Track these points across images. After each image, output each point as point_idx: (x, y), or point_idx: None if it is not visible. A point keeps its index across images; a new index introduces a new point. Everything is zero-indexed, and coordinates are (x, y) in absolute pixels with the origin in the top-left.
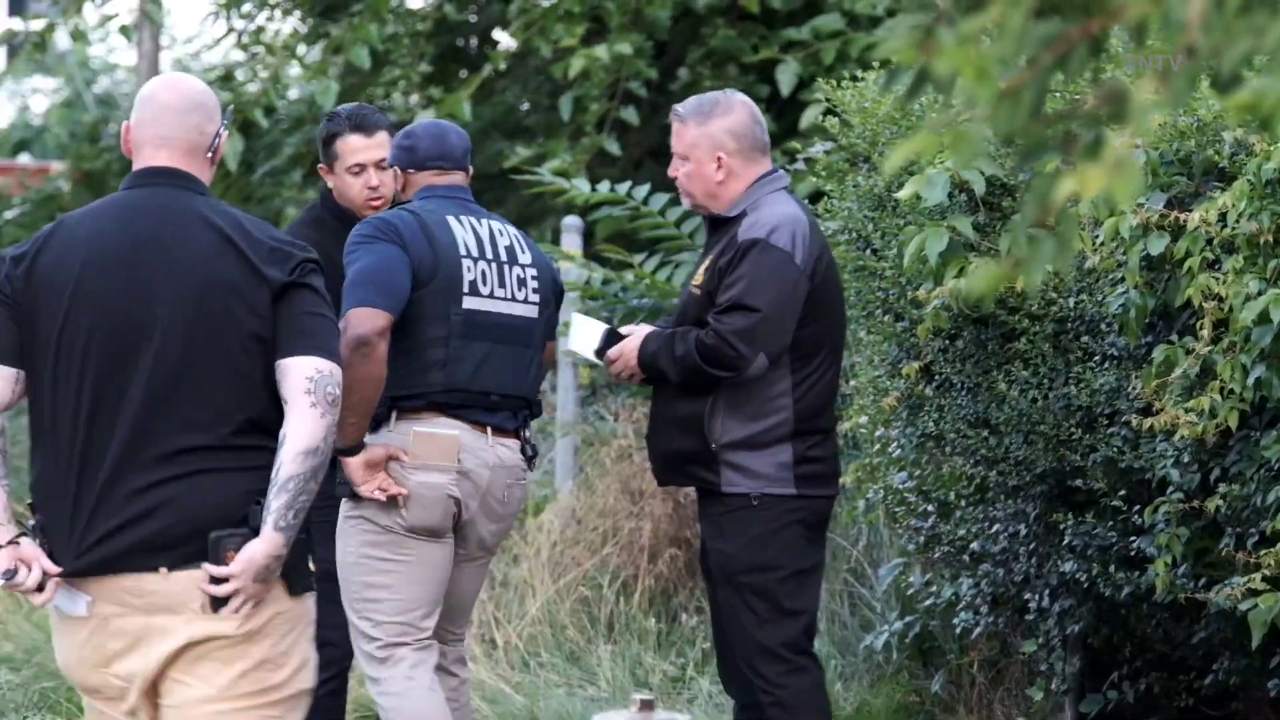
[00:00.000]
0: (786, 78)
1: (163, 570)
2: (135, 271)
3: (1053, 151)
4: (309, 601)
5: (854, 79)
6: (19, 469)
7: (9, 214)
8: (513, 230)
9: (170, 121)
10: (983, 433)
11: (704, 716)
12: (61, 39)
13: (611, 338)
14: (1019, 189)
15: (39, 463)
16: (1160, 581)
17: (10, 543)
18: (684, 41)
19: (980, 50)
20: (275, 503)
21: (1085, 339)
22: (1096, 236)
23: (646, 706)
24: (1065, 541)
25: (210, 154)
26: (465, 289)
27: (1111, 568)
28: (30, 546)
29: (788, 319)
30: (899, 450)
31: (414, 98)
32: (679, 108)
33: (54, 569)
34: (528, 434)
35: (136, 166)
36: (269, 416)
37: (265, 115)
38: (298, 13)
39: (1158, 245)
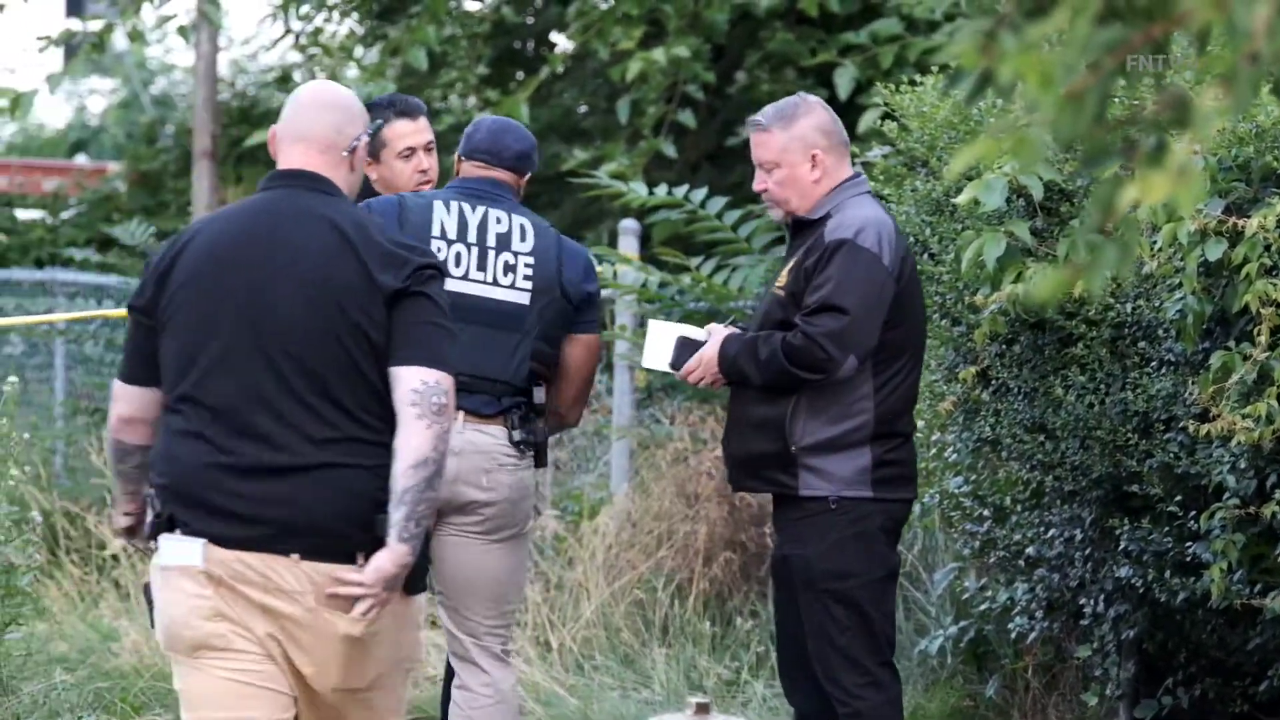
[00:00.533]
0: (844, 81)
1: (294, 557)
2: (255, 274)
3: (1115, 157)
4: (420, 600)
5: (912, 83)
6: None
7: (66, 214)
8: (524, 221)
9: (307, 119)
10: (1039, 438)
11: None
12: (119, 40)
13: (684, 347)
14: (1077, 194)
15: (167, 441)
16: (1215, 587)
17: (134, 514)
18: (742, 45)
19: (1043, 55)
20: (395, 515)
21: (1142, 344)
22: (1154, 242)
23: (702, 710)
24: (1121, 547)
25: (348, 155)
26: (465, 274)
27: (1167, 573)
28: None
29: (875, 320)
30: (955, 455)
31: (471, 100)
32: (759, 118)
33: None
34: (517, 418)
35: (278, 166)
36: (390, 415)
37: None
38: (355, 14)
39: (1216, 251)
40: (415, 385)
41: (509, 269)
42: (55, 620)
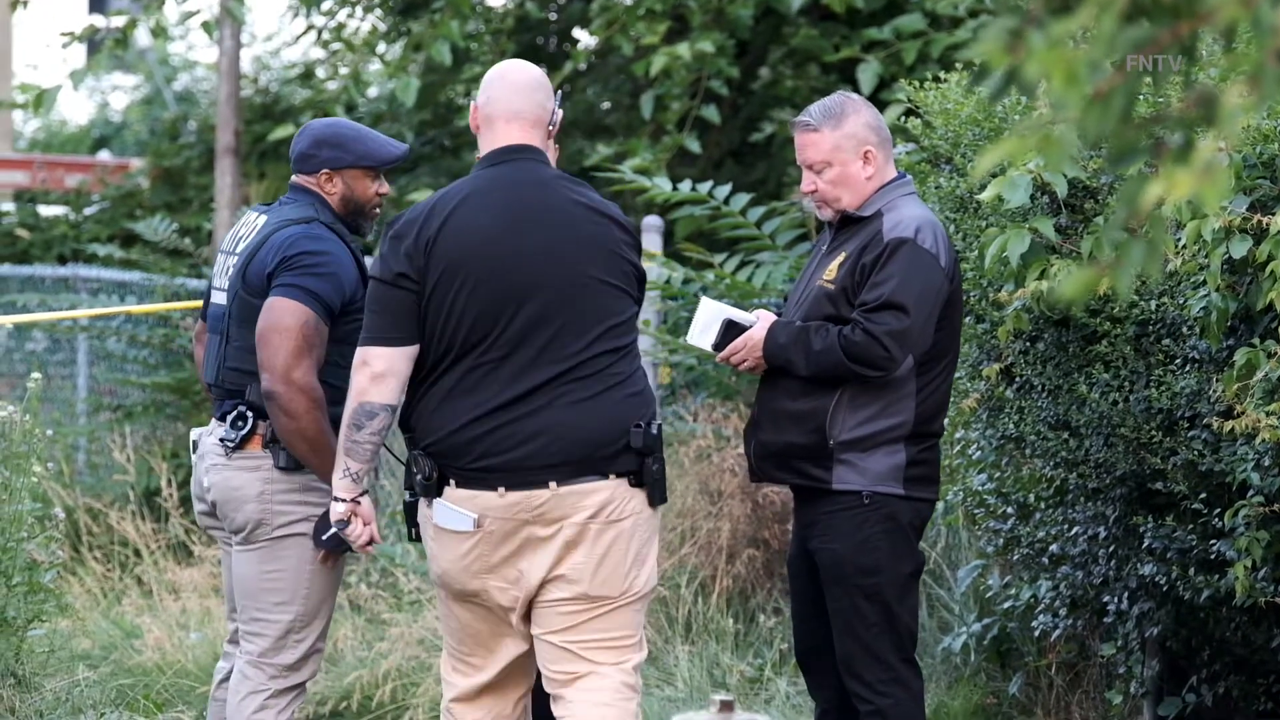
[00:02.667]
0: (867, 77)
1: (552, 485)
2: (516, 239)
3: (1141, 155)
4: (659, 513)
5: (936, 80)
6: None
7: (89, 210)
8: (262, 219)
9: (520, 98)
10: (1063, 435)
11: (782, 718)
12: (142, 36)
13: (729, 330)
14: (1101, 191)
15: (429, 400)
16: (1240, 585)
17: (353, 500)
18: (765, 40)
19: (1070, 54)
20: None
21: (1166, 342)
22: (1179, 239)
23: (726, 707)
24: (1145, 544)
25: (551, 129)
26: (212, 283)
27: (1191, 571)
28: (368, 506)
29: (932, 321)
30: (979, 452)
31: None
32: (806, 118)
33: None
34: (232, 419)
35: (487, 143)
36: (634, 350)
37: (346, 112)
38: (378, 10)
39: (1240, 248)
40: None
41: (226, 271)
42: (78, 617)
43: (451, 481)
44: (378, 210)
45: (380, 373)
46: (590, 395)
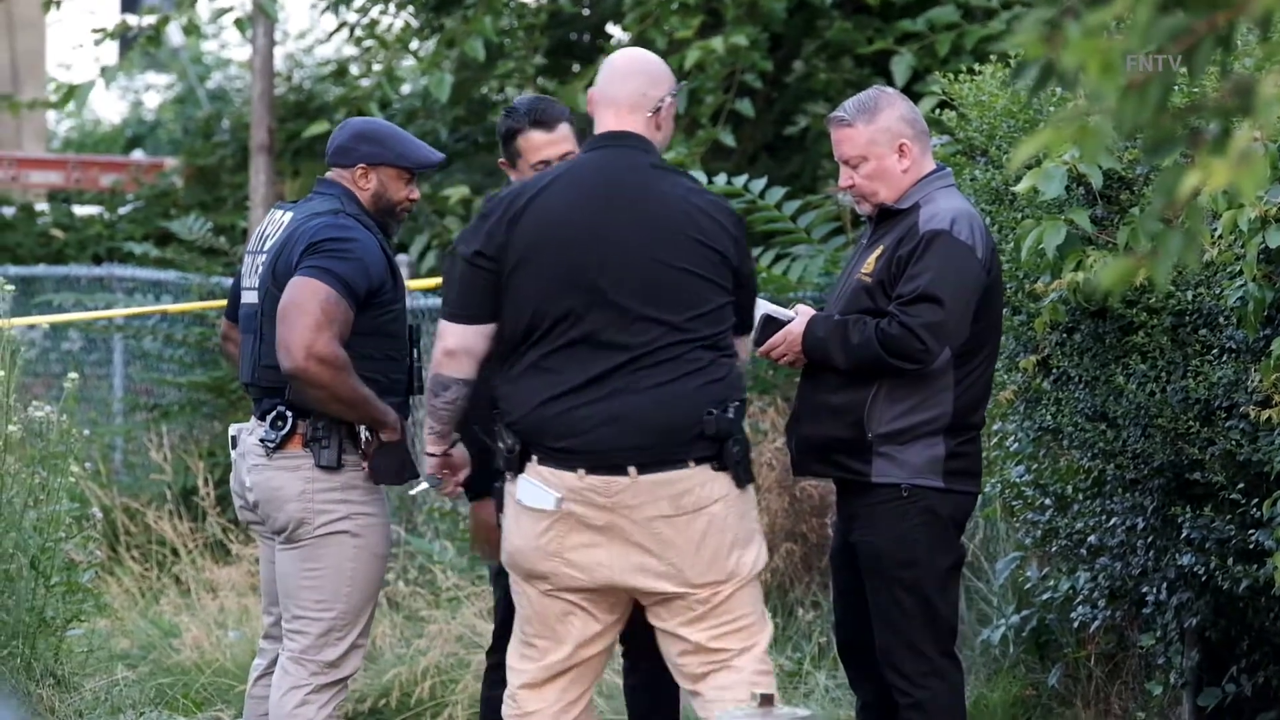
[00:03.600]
0: (901, 70)
1: (632, 472)
2: (601, 223)
3: (1178, 145)
4: (750, 492)
5: (971, 72)
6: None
7: (123, 210)
8: (288, 216)
9: (617, 84)
10: (1100, 426)
11: (821, 712)
12: (174, 34)
13: (768, 324)
14: (1136, 182)
15: (513, 377)
16: (1279, 575)
17: (444, 454)
18: (799, 34)
19: (1106, 44)
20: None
21: (1203, 332)
22: (1215, 229)
23: (766, 701)
24: (1183, 535)
25: (653, 115)
26: (241, 284)
27: (1230, 561)
28: (460, 454)
29: (968, 313)
30: (1016, 444)
31: (527, 91)
32: (841, 113)
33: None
34: (271, 418)
35: (596, 129)
36: (727, 343)
37: (380, 109)
38: (410, 7)
39: (1276, 238)
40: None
41: (256, 270)
42: (116, 616)
43: (534, 457)
44: (405, 213)
45: (452, 349)
46: (665, 381)
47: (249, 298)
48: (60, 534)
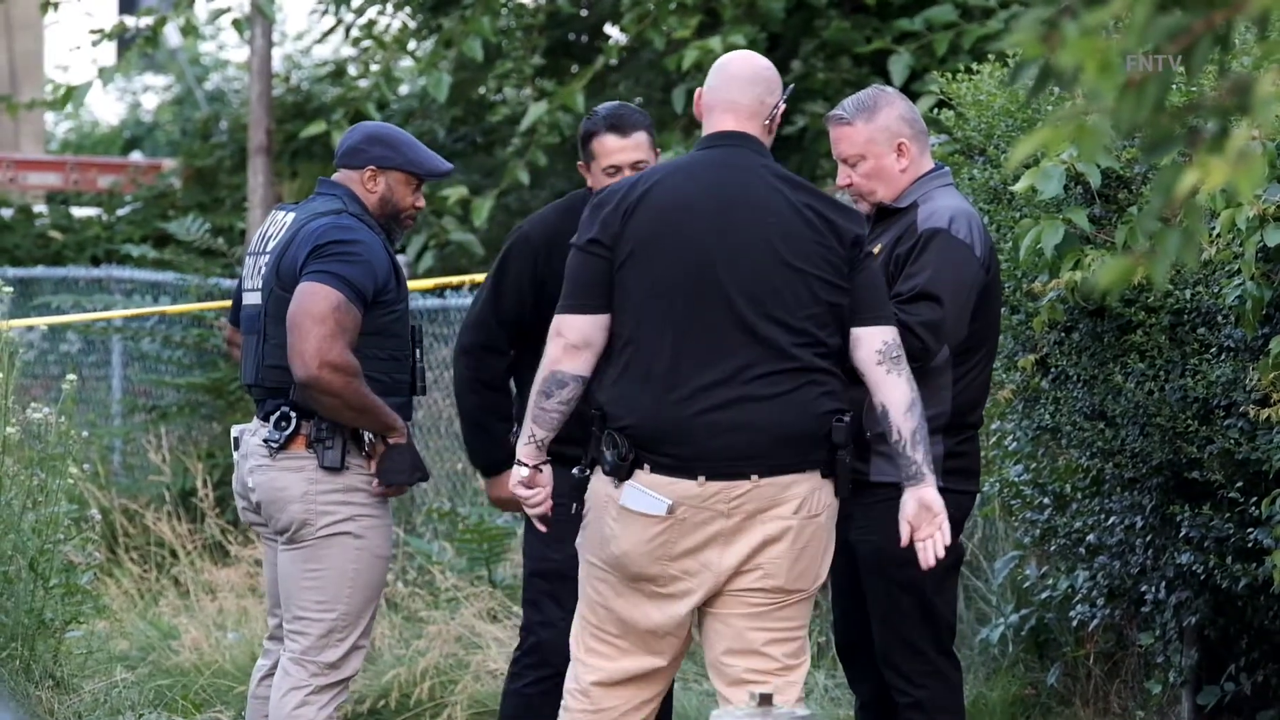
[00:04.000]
0: (899, 69)
1: (754, 477)
2: (719, 220)
3: (1176, 144)
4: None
5: (969, 71)
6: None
7: (121, 211)
8: (290, 217)
9: (738, 89)
10: (1099, 425)
11: (820, 711)
12: (172, 35)
13: None
14: (1134, 181)
15: (624, 380)
16: (1277, 573)
17: (535, 467)
18: (797, 33)
19: (1104, 43)
20: (916, 456)
21: (1201, 331)
22: (1213, 228)
23: (765, 701)
24: (1182, 533)
25: (768, 123)
26: (243, 285)
27: (1228, 559)
28: (547, 474)
29: (967, 312)
30: (1015, 443)
31: (526, 91)
32: (839, 112)
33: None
34: (275, 419)
35: (708, 130)
36: (838, 349)
37: (378, 109)
38: (407, 8)
39: (1275, 237)
40: (878, 346)
41: (259, 271)
42: (115, 618)
43: (646, 466)
44: (410, 221)
45: (574, 343)
46: (792, 388)
47: (251, 299)
48: (59, 536)
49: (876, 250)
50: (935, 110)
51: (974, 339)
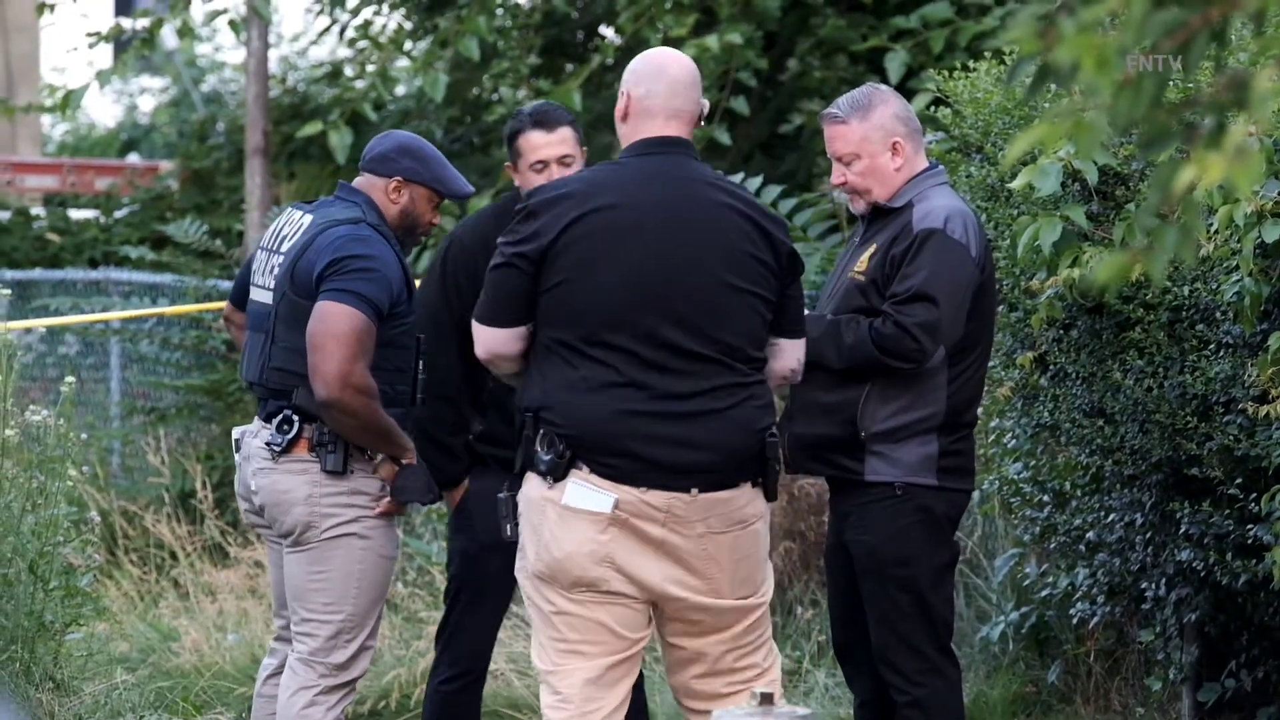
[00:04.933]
0: (895, 67)
1: (694, 491)
2: (665, 241)
3: (1173, 140)
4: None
5: (965, 69)
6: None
7: (119, 213)
8: (308, 218)
9: (682, 95)
10: (1098, 422)
11: (821, 710)
12: (169, 37)
13: None
14: (1132, 178)
15: (567, 387)
16: (1277, 569)
17: None
18: (793, 31)
19: (1100, 39)
20: None
21: (1200, 327)
22: (1211, 224)
23: (766, 700)
24: (1182, 530)
25: (695, 123)
26: (253, 279)
27: (1228, 556)
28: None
29: (963, 311)
30: (1014, 441)
31: (522, 91)
32: (834, 110)
33: None
34: (277, 421)
35: (639, 132)
36: (761, 359)
37: (375, 110)
38: (403, 9)
39: (1273, 233)
40: (793, 365)
41: (271, 270)
42: (115, 620)
43: (585, 468)
44: (424, 236)
45: (483, 356)
46: (731, 405)
47: (261, 296)
48: (58, 538)
49: (871, 250)
50: (932, 108)
51: (969, 338)
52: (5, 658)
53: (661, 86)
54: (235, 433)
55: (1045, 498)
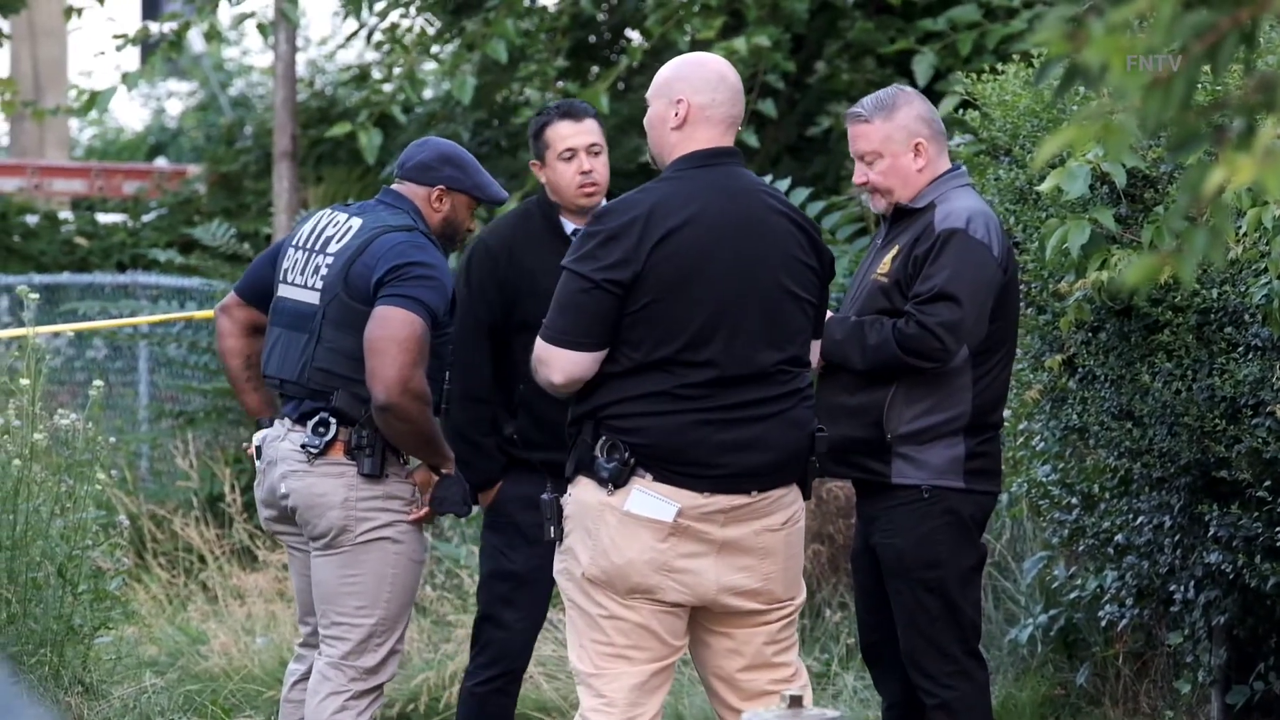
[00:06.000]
0: (923, 69)
1: (753, 492)
2: (739, 259)
3: (1203, 142)
4: None
5: (994, 71)
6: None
7: (146, 217)
8: (356, 222)
9: (740, 102)
10: (1126, 425)
11: (849, 713)
12: (196, 41)
13: None
14: (1160, 180)
15: (637, 399)
16: None
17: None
18: (821, 34)
19: (1130, 41)
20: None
21: (1229, 330)
22: (1239, 227)
23: (795, 703)
24: (1210, 533)
25: None
26: (279, 276)
27: (1257, 558)
28: None
29: (986, 311)
30: (1042, 443)
31: (549, 94)
32: (858, 110)
33: None
34: (312, 423)
35: (694, 141)
36: (807, 360)
37: (403, 114)
38: (430, 12)
39: None
40: (816, 364)
41: (316, 270)
42: (144, 624)
43: (648, 475)
44: (461, 243)
45: (561, 383)
46: (787, 408)
47: (302, 296)
48: (87, 542)
49: (894, 252)
50: (960, 110)
51: (993, 339)
52: (34, 661)
53: (724, 95)
54: (256, 439)
55: (1074, 500)
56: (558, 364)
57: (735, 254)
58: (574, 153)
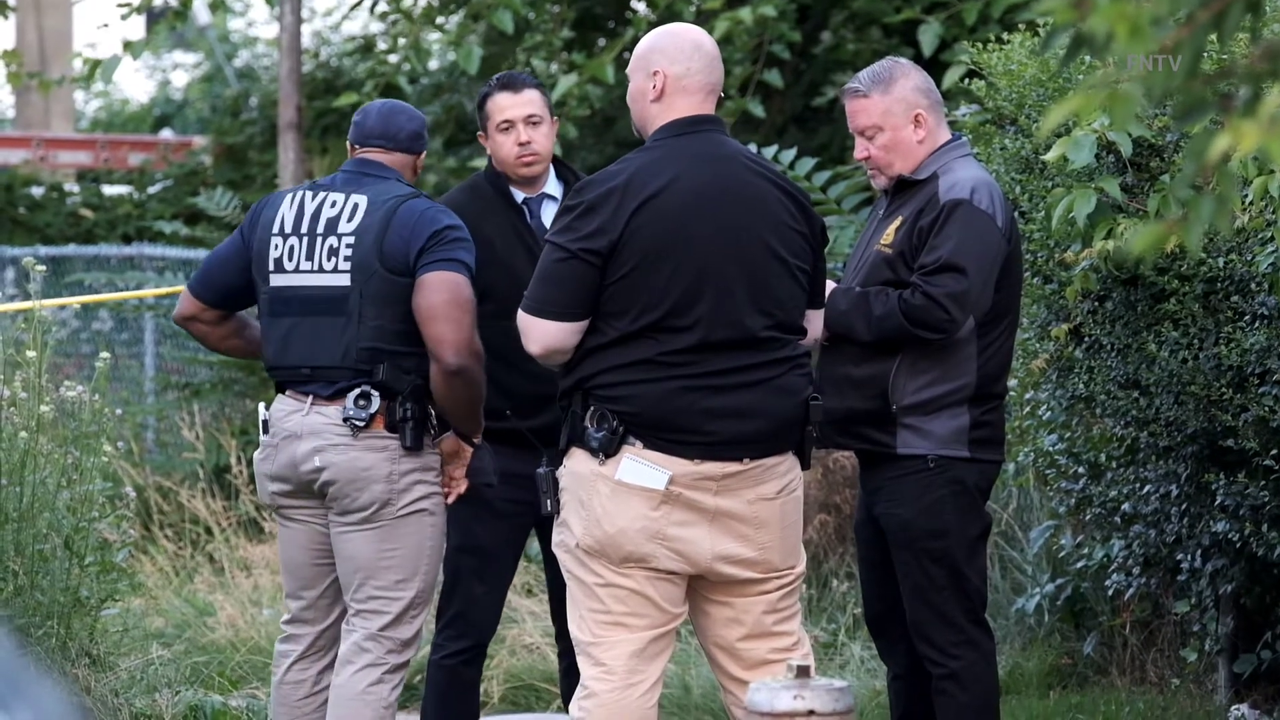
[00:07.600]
0: (928, 39)
1: (746, 460)
2: (724, 224)
3: (1208, 110)
4: None
5: (999, 41)
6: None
7: (152, 189)
8: (360, 199)
9: (717, 69)
10: (1133, 394)
11: (856, 682)
12: (201, 12)
13: None
14: (1166, 150)
15: (623, 368)
16: None
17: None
18: (827, 4)
19: (1135, 9)
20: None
21: (1235, 298)
22: (1245, 195)
23: (802, 673)
24: (1217, 501)
25: None
26: (271, 267)
27: (1264, 527)
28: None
29: (990, 282)
30: (1049, 413)
31: (554, 65)
32: (855, 84)
33: None
34: (354, 397)
35: (674, 110)
36: (800, 327)
37: (409, 84)
38: None
39: None
40: (816, 334)
41: (333, 253)
42: (151, 595)
43: (638, 443)
44: None
45: (542, 354)
46: (777, 375)
47: (314, 280)
48: (94, 514)
49: (898, 223)
50: (966, 80)
51: (997, 309)
52: (41, 633)
53: (699, 63)
54: (264, 413)
55: (1080, 469)
56: (535, 334)
57: (717, 219)
58: (511, 124)
